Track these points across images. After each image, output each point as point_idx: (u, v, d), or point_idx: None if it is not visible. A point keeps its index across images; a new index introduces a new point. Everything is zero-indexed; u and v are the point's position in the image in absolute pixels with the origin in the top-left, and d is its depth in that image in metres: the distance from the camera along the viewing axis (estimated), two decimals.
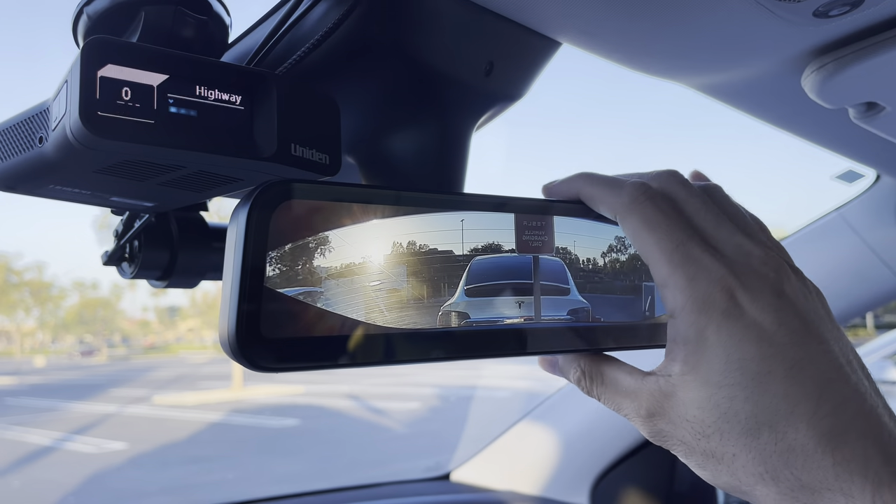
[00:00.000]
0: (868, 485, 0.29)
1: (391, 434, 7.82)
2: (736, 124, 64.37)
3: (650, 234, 0.34)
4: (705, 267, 0.33)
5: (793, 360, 0.31)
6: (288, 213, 0.32)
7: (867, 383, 0.33)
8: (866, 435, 0.30)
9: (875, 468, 0.30)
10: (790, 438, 0.31)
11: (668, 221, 0.34)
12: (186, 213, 0.58)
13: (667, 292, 0.34)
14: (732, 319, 0.32)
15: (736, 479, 0.32)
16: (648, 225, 0.34)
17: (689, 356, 0.33)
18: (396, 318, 0.34)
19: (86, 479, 6.02)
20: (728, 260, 0.34)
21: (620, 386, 0.36)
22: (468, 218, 0.37)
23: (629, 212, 0.35)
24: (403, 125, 0.48)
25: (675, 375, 0.33)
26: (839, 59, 0.50)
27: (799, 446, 0.30)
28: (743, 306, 0.32)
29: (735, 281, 0.33)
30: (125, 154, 0.35)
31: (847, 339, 0.35)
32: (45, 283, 38.43)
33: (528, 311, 0.38)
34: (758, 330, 0.32)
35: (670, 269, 0.33)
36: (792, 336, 0.32)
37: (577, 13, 0.46)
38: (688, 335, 0.33)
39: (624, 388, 0.36)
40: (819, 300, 0.35)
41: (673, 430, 0.34)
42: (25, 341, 42.30)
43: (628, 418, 0.36)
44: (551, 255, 0.39)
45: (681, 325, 0.33)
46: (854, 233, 1.10)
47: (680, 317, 0.33)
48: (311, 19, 0.44)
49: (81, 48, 0.32)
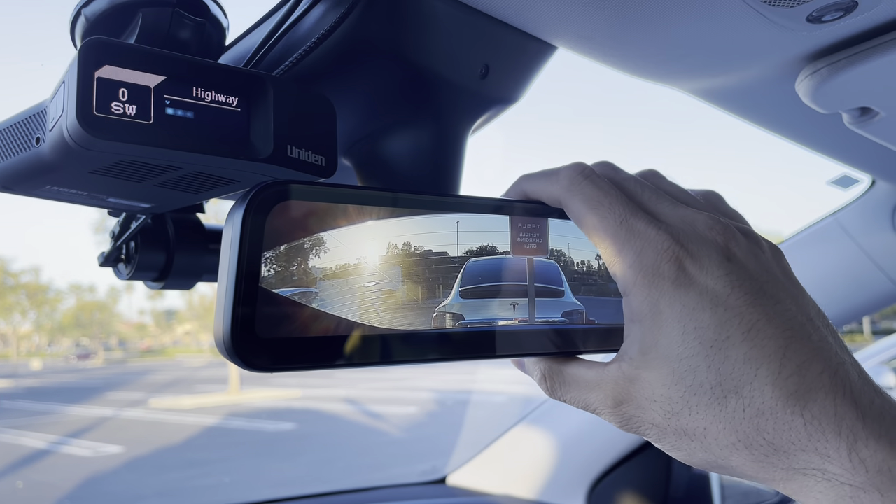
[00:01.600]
0: (843, 442, 0.29)
1: (388, 438, 7.81)
2: (731, 128, 64.53)
3: (593, 213, 0.34)
4: (651, 239, 0.32)
5: (749, 323, 0.31)
6: (283, 213, 0.32)
7: (832, 340, 0.32)
8: (835, 391, 0.30)
9: (849, 424, 0.29)
10: (757, 402, 0.30)
11: (609, 199, 0.34)
12: (183, 214, 0.58)
13: (616, 270, 0.33)
14: (683, 288, 0.31)
15: (710, 453, 0.31)
16: (589, 203, 0.34)
17: (646, 334, 0.32)
18: (391, 319, 0.34)
19: (82, 483, 6.00)
20: (673, 229, 0.33)
21: (582, 381, 0.35)
22: (463, 220, 0.37)
23: (570, 193, 0.35)
24: (399, 127, 0.48)
25: (636, 357, 0.33)
26: (833, 63, 0.51)
27: (767, 409, 0.30)
28: (692, 274, 0.32)
29: (681, 250, 0.32)
30: (122, 155, 0.35)
31: (808, 296, 0.34)
32: (42, 286, 38.34)
33: (522, 312, 0.38)
34: (710, 296, 0.31)
35: (617, 247, 0.33)
36: (745, 298, 0.31)
37: (573, 17, 0.46)
38: (642, 311, 0.32)
39: (586, 382, 0.35)
40: (775, 259, 0.34)
41: (643, 415, 0.33)
42: (22, 344, 42.18)
43: (597, 412, 0.35)
44: (546, 258, 0.39)
45: (634, 301, 0.33)
46: (849, 238, 1.10)
47: (632, 293, 0.33)
48: (308, 22, 0.44)
49: (79, 49, 0.33)
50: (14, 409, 11.79)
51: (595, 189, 0.34)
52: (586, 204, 0.34)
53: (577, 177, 0.35)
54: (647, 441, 0.35)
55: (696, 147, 62.19)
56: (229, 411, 10.38)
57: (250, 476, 6.10)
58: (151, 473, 6.32)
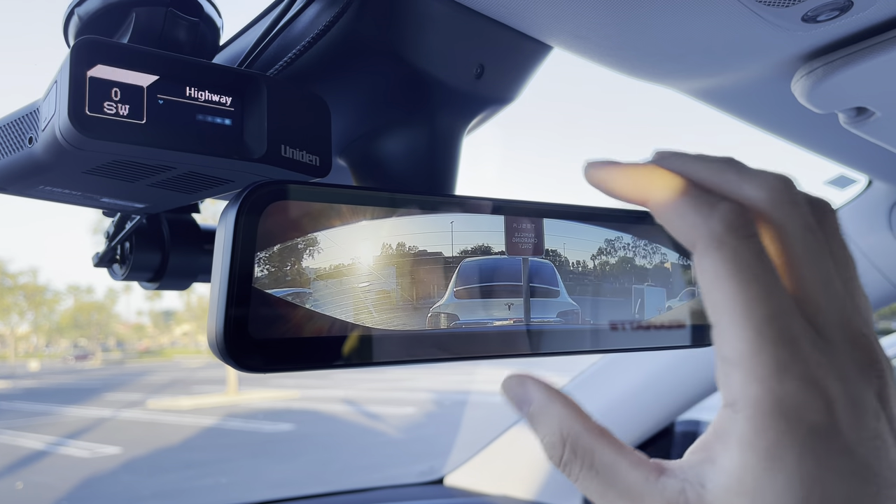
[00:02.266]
0: None
1: (386, 439, 7.80)
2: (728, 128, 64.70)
3: (739, 288, 0.24)
4: (803, 357, 0.23)
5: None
6: (277, 214, 0.32)
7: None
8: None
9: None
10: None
11: (768, 276, 0.24)
12: (178, 214, 0.58)
13: (736, 372, 0.24)
14: (823, 441, 0.23)
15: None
16: (739, 275, 0.24)
17: (745, 473, 0.23)
18: (385, 320, 0.34)
19: (79, 484, 5.99)
20: (834, 351, 0.24)
21: (618, 480, 0.26)
22: (458, 220, 0.37)
23: (715, 248, 0.24)
24: (394, 127, 0.48)
25: (715, 489, 0.24)
26: (828, 63, 0.51)
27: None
28: (841, 426, 0.23)
29: (840, 387, 0.24)
30: (115, 155, 0.35)
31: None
32: (40, 286, 38.28)
33: (517, 313, 0.38)
34: (855, 462, 0.23)
35: (754, 347, 0.23)
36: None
37: (569, 17, 0.46)
38: (753, 444, 0.23)
39: (623, 484, 0.26)
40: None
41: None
42: (20, 345, 42.13)
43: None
44: (541, 258, 0.39)
45: (745, 426, 0.23)
46: (847, 237, 1.10)
47: (746, 413, 0.23)
48: (303, 21, 0.44)
49: (71, 48, 0.32)
50: (12, 410, 11.78)
51: (754, 257, 0.24)
52: (735, 272, 0.24)
53: (738, 229, 0.24)
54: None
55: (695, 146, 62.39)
56: (227, 412, 10.37)
57: (248, 477, 6.10)
58: (149, 474, 6.32)
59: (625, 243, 0.43)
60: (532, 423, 0.31)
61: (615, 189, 0.28)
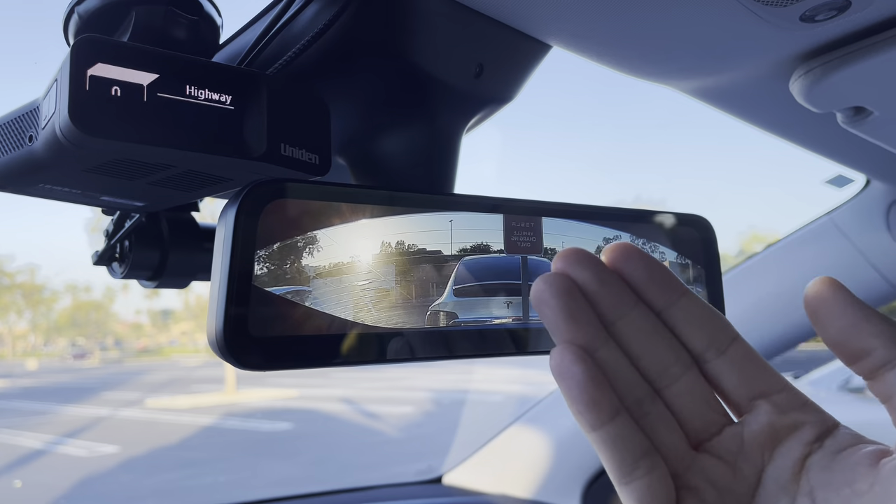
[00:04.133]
0: None
1: (384, 438, 7.80)
2: (727, 127, 64.65)
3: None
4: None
5: None
6: (277, 212, 0.32)
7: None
8: None
9: None
10: None
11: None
12: (177, 213, 0.58)
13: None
14: None
15: None
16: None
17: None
18: (385, 318, 0.34)
19: (77, 483, 5.99)
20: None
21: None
22: (457, 219, 0.37)
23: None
24: (393, 126, 0.48)
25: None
26: (826, 63, 0.51)
27: None
28: None
29: None
30: (115, 153, 0.35)
31: None
32: (38, 285, 38.22)
33: (516, 311, 0.38)
34: None
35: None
36: None
37: (568, 16, 0.46)
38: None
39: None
40: None
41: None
42: (17, 344, 42.06)
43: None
44: (540, 256, 0.39)
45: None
46: (844, 237, 1.10)
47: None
48: (303, 20, 0.44)
49: (72, 47, 0.32)
50: (10, 409, 11.76)
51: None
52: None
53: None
54: None
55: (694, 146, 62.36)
56: (225, 411, 10.36)
57: (246, 476, 6.09)
58: (147, 473, 6.31)
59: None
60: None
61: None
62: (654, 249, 0.44)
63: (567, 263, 0.29)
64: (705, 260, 0.46)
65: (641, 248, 0.44)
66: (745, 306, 1.14)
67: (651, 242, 0.44)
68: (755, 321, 1.14)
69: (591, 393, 0.27)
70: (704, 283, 0.46)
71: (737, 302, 1.13)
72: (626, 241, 0.34)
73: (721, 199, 59.30)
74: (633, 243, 0.43)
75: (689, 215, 0.46)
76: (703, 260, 0.46)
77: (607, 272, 0.29)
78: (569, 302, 0.28)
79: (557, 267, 0.29)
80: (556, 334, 0.29)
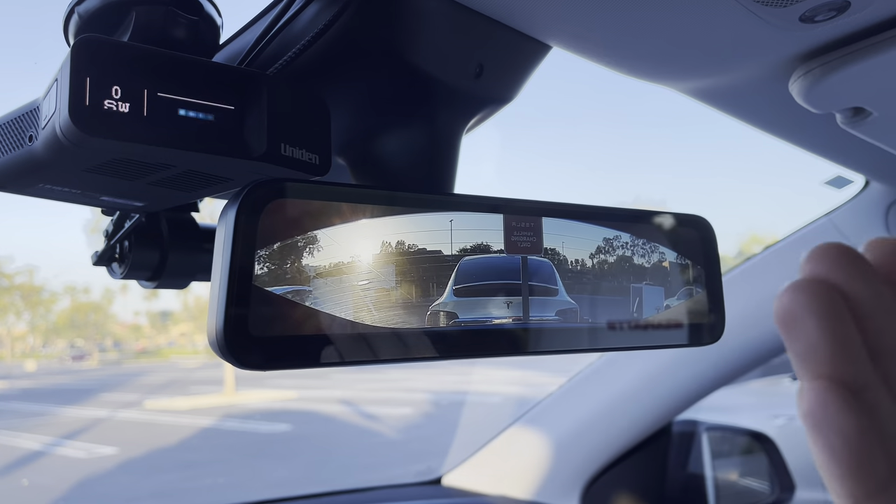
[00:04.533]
0: None
1: (383, 439, 7.80)
2: (727, 128, 64.72)
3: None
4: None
5: None
6: (277, 212, 0.32)
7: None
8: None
9: None
10: None
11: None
12: (177, 213, 0.58)
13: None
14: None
15: None
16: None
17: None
18: (385, 318, 0.34)
19: (76, 484, 5.98)
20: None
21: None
22: (457, 219, 0.37)
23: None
24: (393, 126, 0.48)
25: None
26: (825, 63, 0.51)
27: None
28: None
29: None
30: (114, 152, 0.35)
31: None
32: (36, 286, 38.16)
33: (516, 311, 0.38)
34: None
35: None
36: None
37: (568, 17, 0.46)
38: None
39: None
40: None
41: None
42: (16, 345, 42.01)
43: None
44: (540, 256, 0.39)
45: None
46: (844, 238, 1.10)
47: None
48: (303, 20, 0.44)
49: (72, 47, 0.32)
50: (8, 411, 11.75)
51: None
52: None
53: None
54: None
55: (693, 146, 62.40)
56: (224, 413, 10.35)
57: (245, 477, 6.09)
58: (146, 475, 6.31)
59: (623, 242, 0.43)
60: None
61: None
62: (654, 249, 0.44)
63: (829, 266, 0.22)
64: (705, 260, 0.46)
65: (641, 247, 0.44)
66: (744, 307, 1.14)
67: (651, 242, 0.44)
68: (755, 322, 1.14)
69: (861, 453, 0.20)
70: (704, 283, 0.46)
71: (737, 302, 1.13)
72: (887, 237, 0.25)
73: (720, 200, 59.37)
74: (633, 244, 0.44)
75: (689, 215, 0.46)
76: (703, 260, 0.46)
77: (876, 278, 0.22)
78: (835, 324, 0.21)
79: (816, 271, 0.22)
80: (810, 364, 0.22)
